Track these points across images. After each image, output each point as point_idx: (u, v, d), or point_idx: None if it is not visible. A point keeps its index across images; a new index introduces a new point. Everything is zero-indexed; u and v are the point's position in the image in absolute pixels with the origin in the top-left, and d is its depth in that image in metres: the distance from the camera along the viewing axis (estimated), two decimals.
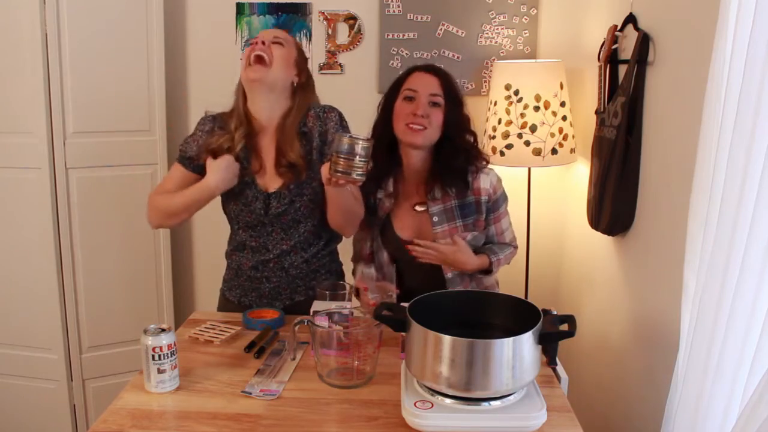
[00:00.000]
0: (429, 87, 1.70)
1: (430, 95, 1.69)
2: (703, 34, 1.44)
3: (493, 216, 1.80)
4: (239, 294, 1.83)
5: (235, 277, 1.84)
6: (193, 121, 2.60)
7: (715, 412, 1.25)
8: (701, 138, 1.27)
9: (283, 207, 1.71)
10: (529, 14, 2.56)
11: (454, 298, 1.45)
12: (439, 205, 1.75)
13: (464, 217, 1.76)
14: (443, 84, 1.71)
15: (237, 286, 1.83)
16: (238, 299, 1.84)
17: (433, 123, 1.69)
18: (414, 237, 1.77)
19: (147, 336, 1.34)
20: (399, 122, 1.72)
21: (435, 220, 1.75)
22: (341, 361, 1.40)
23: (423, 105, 1.69)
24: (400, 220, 1.80)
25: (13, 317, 2.38)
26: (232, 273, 1.85)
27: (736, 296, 1.17)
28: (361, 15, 2.56)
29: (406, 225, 1.80)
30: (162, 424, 1.25)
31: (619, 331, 2.01)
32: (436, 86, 1.70)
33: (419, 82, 1.71)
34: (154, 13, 2.37)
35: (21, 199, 2.30)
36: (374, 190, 1.78)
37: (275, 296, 1.80)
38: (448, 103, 1.70)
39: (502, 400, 1.23)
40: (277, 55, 1.66)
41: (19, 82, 2.22)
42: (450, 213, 1.75)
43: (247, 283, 1.81)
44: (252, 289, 1.81)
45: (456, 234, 1.74)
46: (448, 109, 1.70)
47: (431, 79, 1.71)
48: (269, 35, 1.69)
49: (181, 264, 2.71)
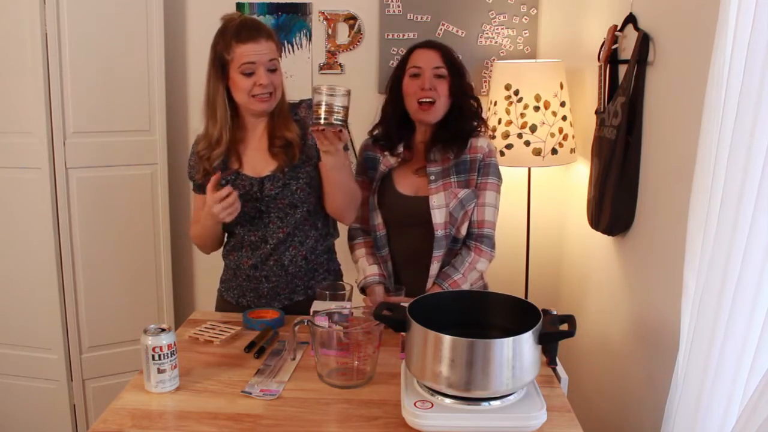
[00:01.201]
0: (432, 61, 1.78)
1: (433, 69, 1.77)
2: (703, 34, 1.44)
3: (481, 181, 1.81)
4: (237, 294, 1.83)
5: (233, 278, 1.84)
6: (193, 121, 2.62)
7: (715, 412, 1.25)
8: (701, 138, 1.27)
9: (277, 189, 1.72)
10: (529, 14, 2.56)
11: (454, 298, 1.45)
12: (437, 167, 1.81)
13: (458, 174, 1.80)
14: (444, 56, 1.79)
15: (235, 287, 1.83)
16: (236, 300, 1.84)
17: (441, 94, 1.77)
18: (413, 194, 1.82)
19: (147, 336, 1.34)
20: (410, 100, 1.80)
21: (431, 179, 1.80)
22: (341, 361, 1.40)
23: (429, 78, 1.76)
24: (401, 178, 1.85)
25: (13, 317, 2.38)
26: (230, 273, 1.85)
27: (736, 296, 1.17)
28: (361, 15, 2.56)
29: (407, 183, 1.85)
30: (162, 424, 1.25)
31: (619, 331, 2.01)
32: (438, 59, 1.78)
33: (422, 57, 1.79)
34: (154, 14, 2.37)
35: (21, 199, 2.30)
36: (382, 153, 1.86)
37: (274, 296, 1.80)
38: (452, 74, 1.79)
39: (502, 400, 1.23)
40: (277, 84, 1.69)
41: (19, 82, 2.22)
42: (446, 171, 1.80)
43: (245, 283, 1.81)
44: (250, 289, 1.81)
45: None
46: (452, 79, 1.79)
47: (432, 54, 1.79)
48: (264, 67, 1.66)
49: (181, 264, 2.71)
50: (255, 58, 1.64)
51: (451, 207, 1.77)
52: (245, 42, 1.64)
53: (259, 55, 1.64)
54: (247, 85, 1.66)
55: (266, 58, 1.65)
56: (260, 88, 1.66)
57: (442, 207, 1.77)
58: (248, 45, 1.64)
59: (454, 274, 1.78)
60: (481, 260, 1.80)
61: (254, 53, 1.64)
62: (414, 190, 1.83)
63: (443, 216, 1.77)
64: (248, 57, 1.64)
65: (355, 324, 1.46)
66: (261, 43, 1.65)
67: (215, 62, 1.69)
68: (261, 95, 1.67)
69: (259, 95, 1.67)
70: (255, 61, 1.64)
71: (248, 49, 1.64)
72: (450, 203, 1.77)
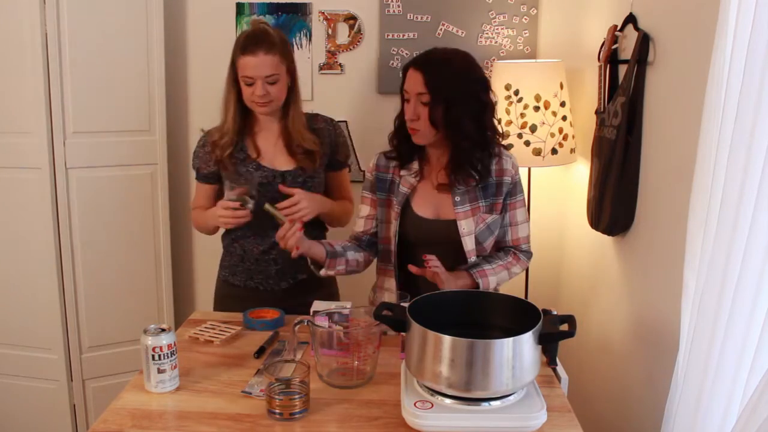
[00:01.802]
0: (415, 86, 1.63)
1: (417, 95, 1.64)
2: (703, 34, 1.44)
3: (510, 201, 1.77)
4: (245, 278, 1.94)
5: (240, 262, 1.94)
6: (193, 121, 2.62)
7: (715, 412, 1.25)
8: (701, 138, 1.27)
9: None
10: (529, 14, 2.56)
11: (454, 298, 1.45)
12: (461, 187, 1.73)
13: (485, 198, 1.74)
14: (427, 79, 1.62)
15: (243, 271, 1.93)
16: (244, 283, 1.94)
17: (423, 122, 1.65)
18: (433, 217, 1.75)
19: (147, 336, 1.34)
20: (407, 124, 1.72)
21: (457, 200, 1.72)
22: (341, 361, 1.40)
23: (413, 107, 1.65)
24: (420, 198, 1.78)
25: (13, 317, 2.38)
26: (236, 258, 1.94)
27: (736, 296, 1.17)
28: (361, 15, 2.56)
29: (427, 204, 1.77)
30: (162, 424, 1.25)
31: (619, 331, 2.01)
32: (421, 84, 1.62)
33: (408, 82, 1.67)
34: (154, 14, 2.37)
35: (21, 199, 2.30)
36: (398, 171, 1.79)
37: (281, 277, 1.92)
38: (433, 100, 1.62)
39: (502, 400, 1.23)
40: (275, 91, 1.79)
41: (19, 82, 2.22)
42: (472, 194, 1.73)
43: (254, 266, 1.92)
44: (259, 271, 1.92)
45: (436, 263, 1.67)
46: (432, 106, 1.62)
47: (417, 77, 1.63)
48: (261, 81, 1.76)
49: (181, 264, 2.71)
50: (252, 72, 1.75)
51: (477, 232, 1.72)
52: (246, 55, 1.75)
53: (256, 70, 1.74)
54: (248, 93, 1.79)
55: (263, 73, 1.75)
56: (257, 98, 1.77)
57: (471, 234, 1.72)
58: (247, 58, 1.75)
59: (485, 264, 1.72)
60: (517, 266, 1.79)
61: (251, 68, 1.75)
62: (434, 212, 1.76)
63: (473, 242, 1.73)
64: (246, 71, 1.75)
65: (355, 324, 1.46)
66: (259, 57, 1.74)
67: (230, 66, 1.81)
68: (259, 102, 1.79)
69: (258, 102, 1.79)
70: (252, 76, 1.75)
71: (247, 62, 1.75)
72: (477, 228, 1.72)
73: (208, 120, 1.96)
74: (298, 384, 1.28)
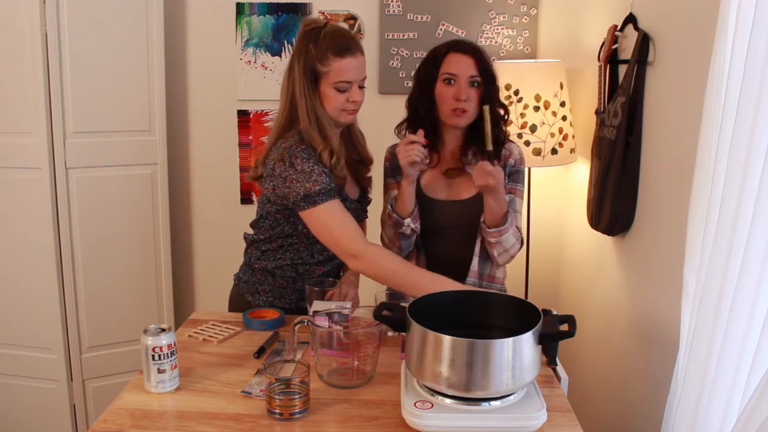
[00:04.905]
0: (468, 69, 1.72)
1: (469, 77, 1.72)
2: (703, 34, 1.44)
3: (511, 186, 1.80)
4: (297, 298, 1.77)
5: (291, 284, 1.77)
6: (193, 121, 2.63)
7: (715, 412, 1.25)
8: (701, 138, 1.27)
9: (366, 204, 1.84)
10: (529, 14, 2.56)
11: (454, 298, 1.45)
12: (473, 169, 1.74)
13: None
14: (479, 64, 1.73)
15: (293, 292, 1.77)
16: (296, 303, 1.77)
17: (473, 103, 1.73)
18: (444, 198, 1.80)
19: (147, 336, 1.34)
20: (444, 106, 1.74)
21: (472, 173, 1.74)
22: (341, 361, 1.40)
23: (464, 88, 1.71)
24: (427, 181, 1.82)
25: (13, 317, 2.39)
26: (286, 281, 1.77)
27: (736, 296, 1.17)
28: (361, 15, 2.56)
29: (434, 187, 1.81)
30: (162, 424, 1.25)
31: (619, 331, 2.01)
32: (473, 67, 1.72)
33: (457, 65, 1.73)
34: (154, 13, 2.37)
35: (21, 199, 2.31)
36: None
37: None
38: (485, 82, 1.74)
39: (502, 400, 1.23)
40: (363, 96, 1.65)
41: (19, 82, 2.22)
42: None
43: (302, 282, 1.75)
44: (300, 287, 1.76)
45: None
46: (485, 87, 1.74)
47: (468, 61, 1.73)
48: (357, 84, 1.62)
49: (181, 264, 2.71)
50: (352, 76, 1.58)
51: None
52: (344, 56, 1.56)
53: (357, 72, 1.59)
54: (340, 101, 1.59)
55: (361, 76, 1.61)
56: (352, 105, 1.62)
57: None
58: (347, 60, 1.56)
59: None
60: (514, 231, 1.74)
61: (353, 71, 1.57)
62: (444, 193, 1.80)
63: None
64: (346, 75, 1.57)
65: (355, 324, 1.46)
66: (358, 58, 1.59)
67: (307, 73, 1.58)
68: (351, 110, 1.63)
69: (350, 110, 1.63)
70: (352, 80, 1.58)
71: (347, 65, 1.57)
72: None
73: (209, 119, 1.96)
74: (297, 384, 1.28)
